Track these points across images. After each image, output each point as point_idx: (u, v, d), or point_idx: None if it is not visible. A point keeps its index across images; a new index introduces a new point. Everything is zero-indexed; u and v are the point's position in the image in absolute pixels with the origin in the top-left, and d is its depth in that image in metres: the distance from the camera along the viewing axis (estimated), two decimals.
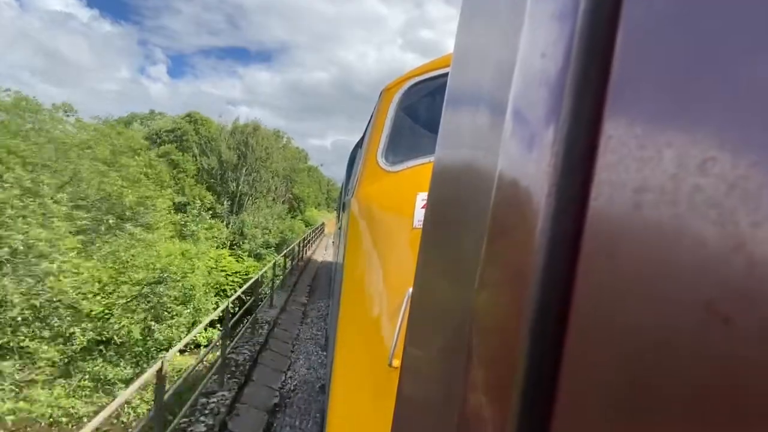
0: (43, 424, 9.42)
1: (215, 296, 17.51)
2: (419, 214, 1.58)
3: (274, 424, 5.13)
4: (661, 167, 0.20)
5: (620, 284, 0.22)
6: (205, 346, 10.35)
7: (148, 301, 13.19)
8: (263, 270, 10.05)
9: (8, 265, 9.49)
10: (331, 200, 67.08)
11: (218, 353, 5.77)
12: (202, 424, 4.45)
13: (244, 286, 8.22)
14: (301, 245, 18.07)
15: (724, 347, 0.16)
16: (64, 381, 10.69)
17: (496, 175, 0.35)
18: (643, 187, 0.21)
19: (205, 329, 12.41)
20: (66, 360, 11.04)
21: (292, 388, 6.18)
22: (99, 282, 11.97)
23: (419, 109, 2.49)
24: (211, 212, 34.04)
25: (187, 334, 8.90)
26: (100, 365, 11.45)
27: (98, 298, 11.83)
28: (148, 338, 12.66)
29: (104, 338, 11.96)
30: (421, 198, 1.61)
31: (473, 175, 0.44)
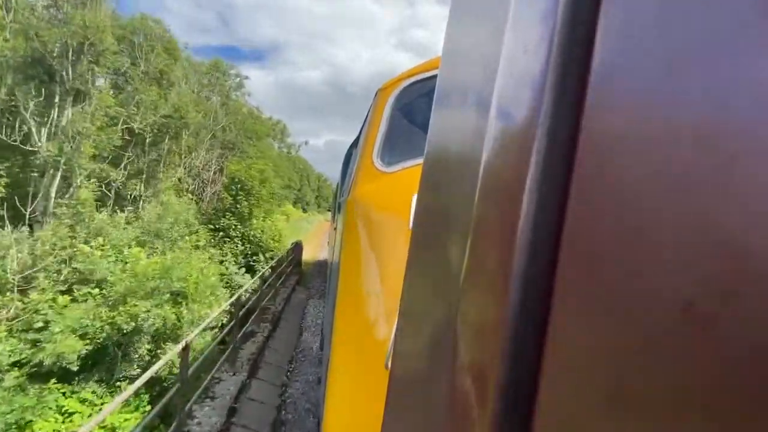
0: None
1: None
2: None
3: None
4: (642, 162, 0.20)
5: (600, 283, 0.22)
6: None
7: None
8: None
9: None
10: (322, 198, 57.44)
11: None
12: None
13: None
14: None
15: (705, 348, 0.16)
16: None
17: (480, 173, 0.35)
18: (622, 183, 0.21)
19: None
20: None
21: None
22: None
23: (415, 110, 2.49)
24: None
25: None
26: None
27: None
28: None
29: None
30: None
31: (459, 174, 0.44)
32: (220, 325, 9.10)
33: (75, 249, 11.26)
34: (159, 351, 9.90)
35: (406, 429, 0.52)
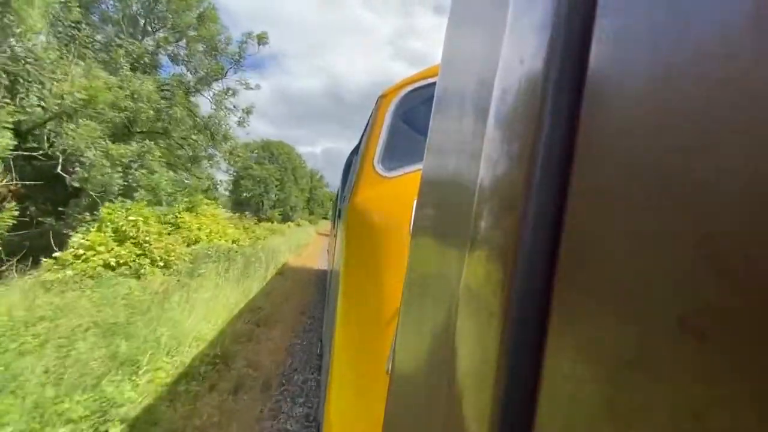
0: None
1: None
2: None
3: None
4: (636, 172, 0.20)
5: (594, 296, 0.22)
6: None
7: None
8: None
9: None
10: (315, 203, 48.46)
11: None
12: None
13: None
14: None
15: (699, 363, 0.16)
16: None
17: (479, 180, 0.35)
18: (618, 191, 0.21)
19: None
20: None
21: None
22: None
23: (416, 116, 2.50)
24: None
25: None
26: None
27: None
28: None
29: None
30: None
31: (457, 181, 0.44)
32: None
33: None
34: None
35: None
